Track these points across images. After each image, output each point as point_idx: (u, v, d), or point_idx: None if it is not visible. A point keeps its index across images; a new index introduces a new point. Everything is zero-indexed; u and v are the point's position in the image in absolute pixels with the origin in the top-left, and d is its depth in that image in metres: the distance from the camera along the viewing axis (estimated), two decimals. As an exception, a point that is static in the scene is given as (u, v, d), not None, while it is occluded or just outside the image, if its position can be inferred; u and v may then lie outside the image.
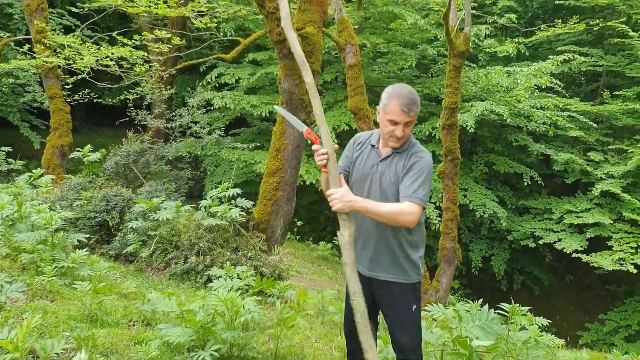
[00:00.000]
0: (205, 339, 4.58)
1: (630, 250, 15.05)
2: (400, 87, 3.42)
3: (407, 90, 3.39)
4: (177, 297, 5.23)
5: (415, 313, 3.63)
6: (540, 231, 16.61)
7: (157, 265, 7.38)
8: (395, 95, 3.38)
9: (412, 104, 3.36)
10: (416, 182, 3.31)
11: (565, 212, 16.57)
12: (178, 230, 7.62)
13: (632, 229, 15.88)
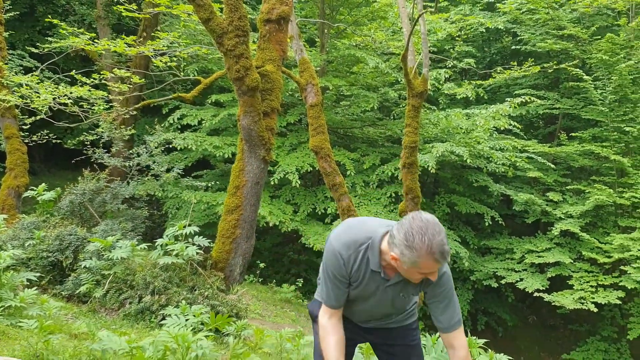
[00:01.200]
0: (155, 376, 4.44)
1: (590, 289, 15.24)
2: (430, 238, 2.62)
3: (438, 241, 2.63)
4: (127, 336, 5.08)
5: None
6: (502, 271, 16.73)
7: (110, 306, 7.17)
8: (426, 252, 2.62)
9: (447, 253, 2.68)
10: (451, 309, 2.92)
11: (526, 251, 16.75)
12: (133, 269, 7.45)
13: (591, 267, 16.11)
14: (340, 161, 15.77)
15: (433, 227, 2.62)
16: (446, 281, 2.86)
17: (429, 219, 2.65)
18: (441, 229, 2.64)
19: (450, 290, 2.88)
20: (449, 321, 2.89)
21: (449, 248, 2.67)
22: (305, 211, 16.74)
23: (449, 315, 2.88)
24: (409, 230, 2.62)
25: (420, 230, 2.61)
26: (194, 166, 17.06)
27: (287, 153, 16.64)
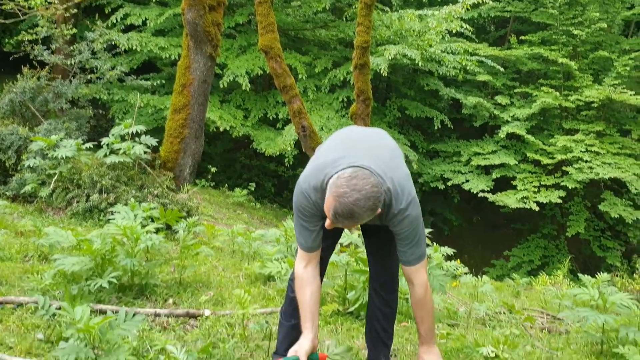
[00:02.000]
0: (104, 268, 4.43)
1: (533, 189, 15.81)
2: (348, 194, 2.50)
3: (352, 200, 2.50)
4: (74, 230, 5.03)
5: None
6: (449, 173, 17.16)
7: (57, 205, 7.07)
8: (333, 195, 2.54)
9: (348, 218, 2.54)
10: (411, 247, 2.83)
11: (473, 154, 17.15)
12: (79, 168, 7.30)
13: (535, 168, 16.66)
14: (292, 64, 15.48)
15: (354, 186, 2.50)
16: (407, 224, 2.75)
17: (358, 176, 2.53)
18: (361, 194, 2.49)
19: (411, 233, 2.77)
20: (407, 257, 2.85)
21: (361, 211, 2.50)
22: (256, 116, 16.57)
23: (408, 252, 2.83)
24: (334, 179, 2.58)
25: (340, 180, 2.55)
26: (140, 69, 16.50)
27: (236, 55, 16.22)
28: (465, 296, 6.27)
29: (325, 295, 5.11)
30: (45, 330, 3.48)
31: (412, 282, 2.89)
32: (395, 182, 2.70)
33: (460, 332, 4.40)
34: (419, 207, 2.80)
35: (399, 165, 2.85)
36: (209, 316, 4.23)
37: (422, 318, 2.94)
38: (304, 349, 2.76)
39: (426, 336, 2.96)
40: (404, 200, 2.70)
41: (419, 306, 2.92)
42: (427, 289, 2.90)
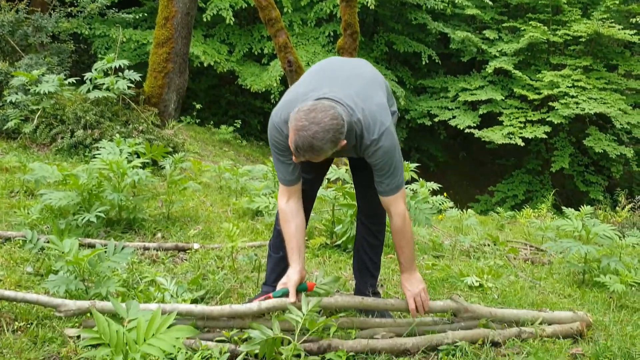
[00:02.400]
0: (91, 203, 4.42)
1: (519, 124, 15.84)
2: (307, 127, 2.46)
3: (310, 134, 2.45)
4: (59, 166, 4.99)
5: None
6: (436, 109, 17.10)
7: (42, 141, 6.99)
8: (292, 129, 2.50)
9: (308, 151, 2.50)
10: (387, 178, 2.78)
11: (460, 90, 17.06)
12: (62, 104, 7.18)
13: (521, 104, 16.64)
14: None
15: (312, 119, 2.45)
16: (382, 155, 2.71)
17: (317, 109, 2.48)
18: (320, 127, 2.45)
19: (386, 164, 2.73)
20: (384, 187, 2.82)
21: (320, 144, 2.46)
22: (241, 51, 16.28)
23: (384, 183, 2.80)
24: (294, 112, 2.53)
25: (300, 113, 2.50)
26: (121, 3, 15.98)
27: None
28: (450, 229, 6.35)
29: (312, 229, 5.17)
30: (34, 263, 3.50)
31: (390, 213, 2.90)
32: (366, 112, 2.66)
33: (445, 264, 4.48)
34: (393, 138, 2.75)
35: (374, 95, 2.78)
36: (198, 249, 4.26)
37: (401, 247, 2.95)
38: (293, 280, 2.80)
39: (406, 264, 2.96)
40: (376, 130, 2.66)
41: (398, 236, 2.92)
42: (405, 218, 2.88)
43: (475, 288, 3.94)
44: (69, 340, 2.52)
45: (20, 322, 2.61)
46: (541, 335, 3.06)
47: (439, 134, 18.58)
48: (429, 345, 2.87)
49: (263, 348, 2.60)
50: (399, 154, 2.79)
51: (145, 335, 1.66)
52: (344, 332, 2.90)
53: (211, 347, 2.58)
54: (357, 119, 2.63)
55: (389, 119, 2.75)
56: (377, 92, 2.81)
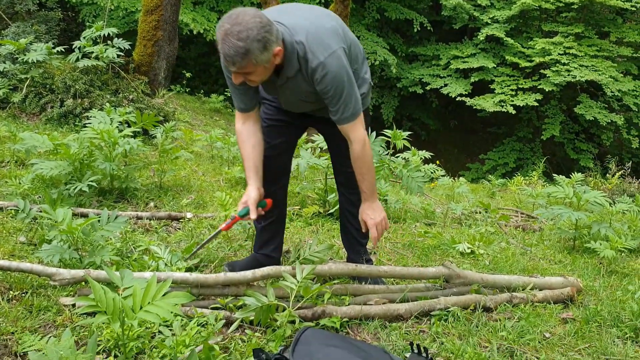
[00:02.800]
0: (82, 172, 4.40)
1: (511, 92, 15.82)
2: (230, 28, 2.34)
3: (234, 35, 2.33)
4: (50, 135, 4.95)
5: None
6: (427, 77, 17.03)
7: (31, 110, 6.91)
8: (218, 40, 2.38)
9: (236, 56, 2.36)
10: (341, 105, 2.67)
11: (452, 57, 16.98)
12: (51, 73, 7.10)
13: (513, 72, 16.60)
14: (266, -38, 14.87)
15: (235, 19, 2.34)
16: (330, 81, 2.57)
17: (241, 13, 2.35)
18: (243, 26, 2.32)
19: (337, 91, 2.61)
20: (338, 116, 2.71)
21: (246, 43, 2.33)
22: (231, 18, 16.05)
23: (338, 111, 2.69)
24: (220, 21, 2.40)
25: (223, 20, 2.37)
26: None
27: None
28: (442, 197, 6.38)
29: (305, 197, 5.18)
30: (27, 233, 3.49)
31: (349, 139, 2.79)
32: (310, 36, 2.54)
33: (437, 231, 4.51)
34: (343, 65, 2.60)
35: (322, 23, 2.64)
36: (191, 218, 4.26)
37: (362, 174, 2.86)
38: (252, 198, 2.78)
39: (368, 192, 2.91)
40: (322, 53, 2.53)
41: (358, 163, 2.82)
42: (365, 144, 2.78)
43: (467, 255, 3.97)
44: (64, 308, 2.53)
45: (14, 291, 2.61)
46: (532, 301, 3.10)
47: (431, 102, 18.54)
48: (421, 311, 2.90)
49: (258, 315, 2.62)
50: (350, 81, 2.65)
51: (142, 302, 1.66)
52: (337, 299, 2.92)
53: (206, 314, 2.60)
54: (298, 40, 2.52)
55: (339, 44, 2.61)
56: (328, 21, 2.67)
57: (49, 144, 4.60)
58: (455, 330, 2.75)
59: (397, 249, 4.03)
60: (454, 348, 2.54)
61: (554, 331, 2.83)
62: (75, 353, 1.70)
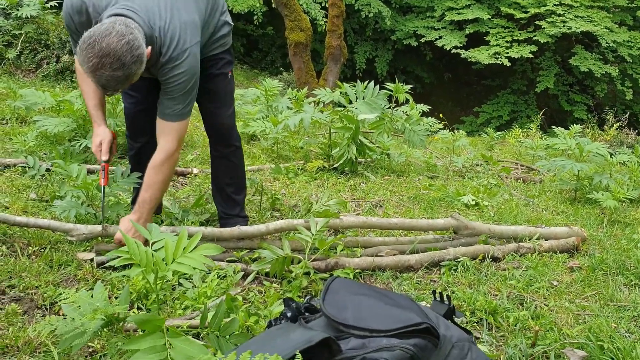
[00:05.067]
0: (85, 129, 4.40)
1: (506, 44, 15.70)
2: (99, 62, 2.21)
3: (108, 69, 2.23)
4: (51, 91, 4.92)
5: (232, 80, 3.06)
6: (422, 29, 16.84)
7: (27, 67, 6.85)
8: (88, 71, 2.26)
9: (120, 84, 2.31)
10: (169, 102, 2.59)
11: (447, 9, 16.76)
12: (46, 28, 7.00)
13: (508, 23, 16.44)
14: None
15: (100, 50, 2.19)
16: (176, 76, 2.51)
17: (99, 38, 2.20)
18: (113, 57, 2.20)
19: (178, 86, 2.54)
20: (163, 109, 2.62)
21: (125, 73, 2.25)
22: (222, -30, 15.73)
23: (164, 105, 2.60)
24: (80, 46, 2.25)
25: (86, 50, 2.22)
26: None
27: None
28: (442, 151, 6.42)
29: (308, 152, 5.20)
30: (37, 189, 3.50)
31: (159, 142, 2.66)
32: (167, 28, 2.46)
33: (441, 184, 4.56)
34: (194, 61, 2.54)
35: (183, 10, 2.53)
36: (197, 174, 4.29)
37: (148, 186, 2.65)
38: (108, 138, 2.71)
39: (141, 205, 2.64)
40: (176, 49, 2.47)
41: (150, 171, 2.65)
42: (170, 157, 2.64)
43: (472, 206, 4.03)
44: (83, 263, 2.57)
45: (33, 247, 2.64)
46: (539, 250, 3.17)
47: (425, 55, 18.40)
48: (431, 262, 2.96)
49: (274, 267, 2.67)
50: (194, 83, 2.59)
51: (174, 254, 1.70)
52: (349, 251, 2.97)
53: (223, 267, 2.65)
54: (156, 35, 2.44)
55: (195, 39, 2.55)
56: (188, 10, 2.57)
57: (51, 100, 4.59)
58: (465, 280, 2.82)
59: (403, 202, 4.08)
60: (465, 296, 2.60)
61: (561, 279, 2.90)
62: (109, 304, 1.74)
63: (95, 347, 1.93)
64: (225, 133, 3.03)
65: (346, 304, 1.64)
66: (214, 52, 2.88)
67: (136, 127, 3.02)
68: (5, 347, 1.87)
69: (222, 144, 3.07)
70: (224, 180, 3.15)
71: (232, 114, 3.04)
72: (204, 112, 2.99)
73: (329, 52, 11.45)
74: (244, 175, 3.26)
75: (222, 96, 2.97)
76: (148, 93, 2.90)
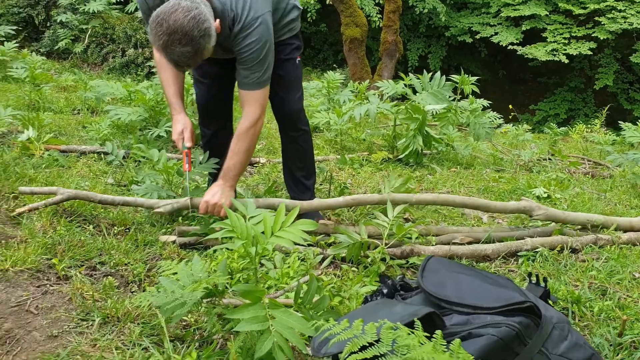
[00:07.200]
0: (155, 119, 4.50)
1: (564, 40, 15.35)
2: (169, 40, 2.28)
3: (178, 46, 2.29)
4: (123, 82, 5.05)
5: (299, 66, 3.10)
6: (477, 26, 16.61)
7: (93, 61, 7.05)
8: (159, 49, 2.34)
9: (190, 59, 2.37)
10: (247, 70, 2.63)
11: (503, 5, 16.48)
12: (111, 23, 7.18)
13: (566, 19, 16.07)
14: None
15: (168, 28, 2.26)
16: (250, 44, 2.55)
17: (168, 15, 2.27)
18: (181, 33, 2.26)
19: (249, 59, 2.59)
20: (241, 79, 2.65)
21: (193, 47, 2.31)
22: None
23: (242, 75, 2.64)
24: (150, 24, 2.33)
25: (156, 29, 2.29)
26: None
27: None
28: (505, 145, 6.32)
29: (371, 144, 5.20)
30: (114, 175, 3.60)
31: (243, 109, 2.71)
32: (236, 1, 2.51)
33: (510, 176, 4.49)
34: (267, 31, 2.58)
35: None
36: (265, 163, 4.34)
37: (233, 153, 2.70)
38: (190, 125, 2.78)
39: (225, 172, 2.71)
40: (247, 17, 2.52)
41: (235, 139, 2.70)
42: (255, 123, 2.70)
43: (544, 199, 3.95)
44: (168, 243, 2.62)
45: (118, 227, 2.72)
46: (617, 242, 3.09)
47: (480, 51, 18.14)
48: (508, 252, 2.92)
49: (350, 251, 2.68)
50: (269, 49, 2.63)
51: (273, 228, 1.73)
52: (423, 239, 2.96)
53: (302, 250, 2.67)
54: (229, 8, 2.50)
55: (266, 8, 2.60)
56: None
57: (123, 91, 4.71)
58: (544, 270, 2.77)
59: (472, 193, 4.03)
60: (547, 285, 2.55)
61: (643, 271, 2.82)
62: (208, 275, 1.78)
63: (189, 320, 1.97)
64: (294, 117, 3.08)
65: (445, 282, 1.64)
66: (283, 37, 2.92)
67: (208, 113, 3.12)
68: (106, 317, 1.94)
69: (291, 129, 3.13)
70: (295, 164, 3.20)
71: (300, 99, 3.08)
72: (273, 98, 3.01)
73: (384, 47, 11.41)
74: (313, 160, 3.31)
75: (291, 81, 3.01)
76: (219, 79, 3.00)
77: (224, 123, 3.20)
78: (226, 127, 3.20)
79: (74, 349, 1.79)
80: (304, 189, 3.21)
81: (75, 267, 2.32)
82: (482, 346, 1.44)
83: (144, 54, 6.79)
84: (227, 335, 1.91)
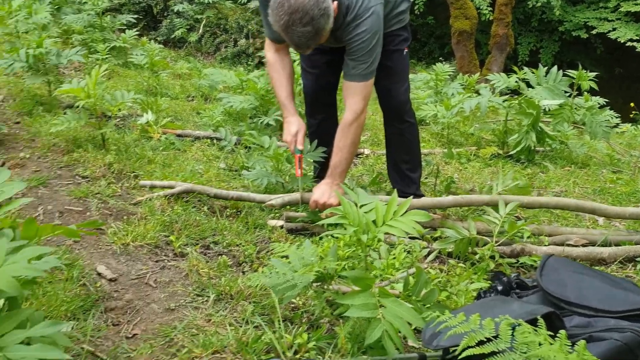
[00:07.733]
0: (265, 107, 4.60)
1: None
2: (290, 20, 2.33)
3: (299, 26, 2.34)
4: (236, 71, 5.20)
5: (407, 57, 3.07)
6: (593, 21, 15.78)
7: (206, 50, 7.30)
8: (280, 30, 2.41)
9: (310, 40, 2.41)
10: (355, 62, 2.64)
11: (623, -1, 15.60)
12: (225, 13, 7.41)
13: (695, 14, 14.98)
14: None
15: (289, 8, 2.30)
16: (358, 34, 2.56)
17: None
18: (302, 12, 2.30)
19: (357, 49, 2.59)
20: (347, 70, 2.66)
21: (313, 28, 2.34)
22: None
23: (349, 66, 2.64)
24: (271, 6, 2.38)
25: (277, 10, 2.34)
26: None
27: None
28: (622, 145, 5.98)
29: (479, 139, 5.07)
30: (226, 160, 3.71)
31: (346, 103, 2.71)
32: None
33: (630, 177, 4.25)
34: (377, 23, 2.59)
35: None
36: (369, 155, 4.33)
37: (340, 148, 2.71)
38: (303, 128, 2.80)
39: (332, 169, 2.72)
40: (361, 7, 2.54)
41: (339, 134, 2.71)
42: (359, 116, 2.69)
43: (667, 203, 3.71)
44: (277, 227, 2.68)
45: (230, 210, 2.81)
46: None
47: (595, 48, 17.24)
48: (626, 256, 2.76)
49: (458, 247, 2.63)
50: (378, 41, 2.62)
51: (385, 217, 1.72)
52: (535, 239, 2.85)
53: (407, 243, 2.65)
54: None
55: (379, 5, 2.60)
56: None
57: (235, 79, 4.85)
58: (666, 278, 2.60)
59: (587, 194, 3.85)
60: (670, 295, 2.39)
61: None
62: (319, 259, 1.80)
63: (297, 303, 2.01)
64: (400, 109, 3.05)
65: (565, 282, 1.57)
66: (392, 28, 2.90)
67: (316, 103, 3.16)
68: (220, 294, 2.02)
69: (397, 120, 3.10)
70: (400, 157, 3.17)
71: (406, 90, 3.05)
72: (380, 89, 3.01)
73: (495, 40, 11.09)
74: (419, 153, 3.26)
75: (399, 73, 2.99)
76: (327, 68, 3.04)
77: (330, 113, 3.23)
78: (332, 117, 3.23)
79: (189, 322, 1.87)
80: (409, 182, 3.18)
81: (191, 244, 2.43)
82: (604, 350, 1.37)
83: (255, 44, 6.95)
84: (334, 320, 1.93)
